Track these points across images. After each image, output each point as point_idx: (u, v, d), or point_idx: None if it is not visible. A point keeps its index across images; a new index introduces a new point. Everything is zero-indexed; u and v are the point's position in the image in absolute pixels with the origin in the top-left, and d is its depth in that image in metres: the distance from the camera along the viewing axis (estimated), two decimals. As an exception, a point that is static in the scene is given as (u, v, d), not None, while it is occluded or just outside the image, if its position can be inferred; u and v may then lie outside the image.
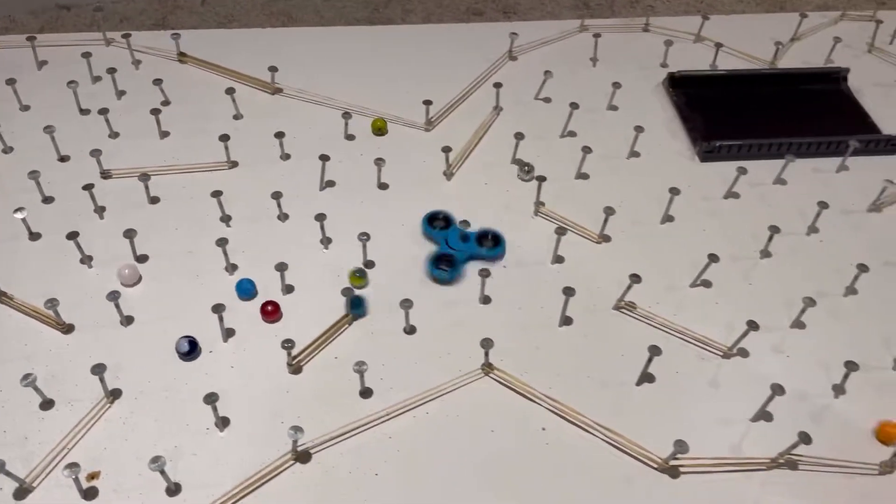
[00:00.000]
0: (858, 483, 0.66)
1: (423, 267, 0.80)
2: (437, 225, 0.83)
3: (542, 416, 0.69)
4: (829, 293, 0.81)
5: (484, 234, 0.82)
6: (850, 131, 0.96)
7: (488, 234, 0.82)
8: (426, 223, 0.83)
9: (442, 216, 0.83)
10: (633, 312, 0.78)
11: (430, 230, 0.82)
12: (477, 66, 1.05)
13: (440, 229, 0.83)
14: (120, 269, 0.74)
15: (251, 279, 0.76)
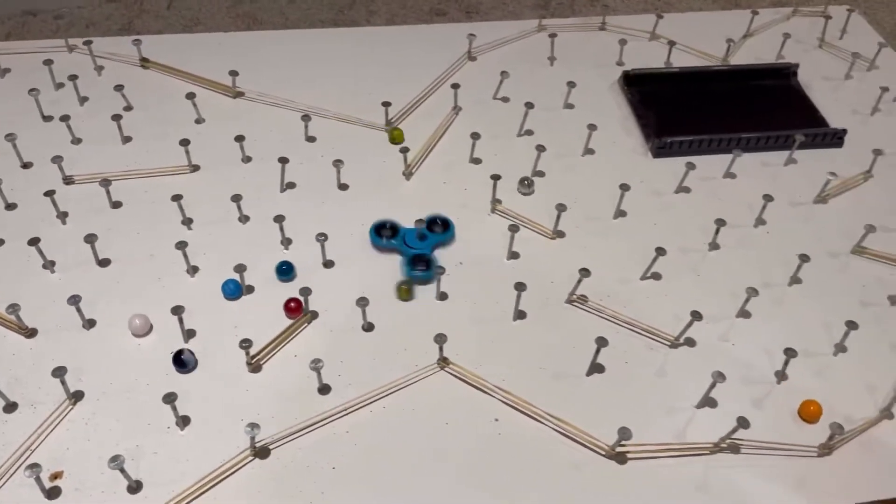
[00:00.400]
0: (798, 464, 0.69)
1: (384, 266, 0.82)
2: (384, 234, 0.84)
3: (495, 408, 0.72)
4: (775, 283, 0.83)
5: (433, 220, 0.84)
6: (800, 125, 0.99)
7: (437, 220, 0.85)
8: (374, 234, 0.84)
9: (389, 225, 0.84)
10: (585, 305, 0.80)
11: (379, 240, 0.83)
12: (437, 66, 1.07)
13: (388, 238, 0.84)
14: (130, 320, 0.74)
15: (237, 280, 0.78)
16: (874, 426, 0.72)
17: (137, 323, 0.73)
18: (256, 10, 1.35)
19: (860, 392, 0.74)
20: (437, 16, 1.32)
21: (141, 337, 0.74)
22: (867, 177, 0.95)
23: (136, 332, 0.74)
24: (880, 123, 1.03)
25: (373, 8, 1.34)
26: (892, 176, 0.96)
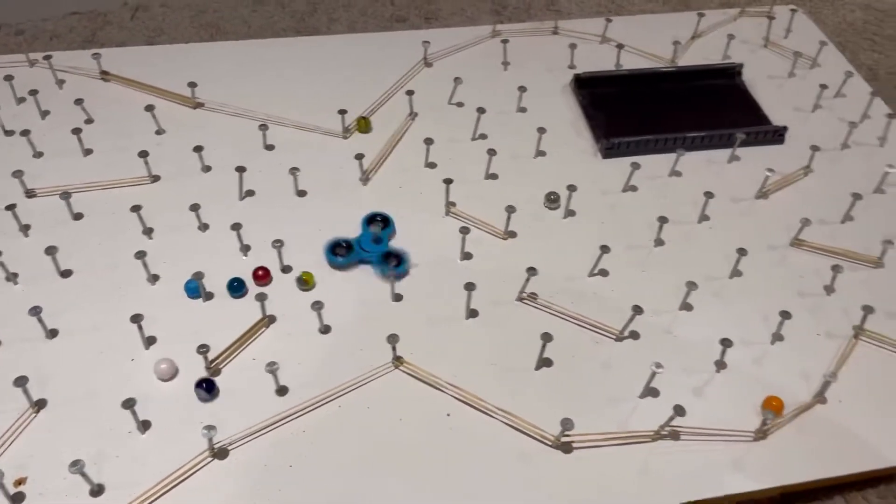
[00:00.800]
0: (735, 448, 0.73)
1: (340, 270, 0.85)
2: (339, 252, 0.85)
3: (447, 404, 0.75)
4: (717, 276, 0.87)
5: (372, 217, 0.88)
6: (744, 123, 1.03)
7: (376, 217, 0.88)
8: (330, 254, 0.85)
9: (345, 244, 0.86)
10: (535, 303, 0.83)
11: (333, 258, 0.85)
12: (395, 73, 1.10)
13: (343, 256, 0.85)
14: (156, 365, 0.74)
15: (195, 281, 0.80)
16: (808, 410, 0.76)
17: (163, 367, 0.74)
18: (219, 19, 1.37)
19: (795, 378, 0.78)
20: (397, 22, 1.35)
21: (167, 381, 0.74)
22: (807, 171, 0.99)
23: (162, 377, 0.74)
24: (820, 119, 1.07)
25: (334, 16, 1.36)
26: (831, 170, 1.00)
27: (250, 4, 1.39)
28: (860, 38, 1.26)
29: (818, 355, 0.80)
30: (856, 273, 0.88)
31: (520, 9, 1.34)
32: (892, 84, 1.17)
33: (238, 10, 1.39)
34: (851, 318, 0.83)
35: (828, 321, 0.83)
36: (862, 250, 0.90)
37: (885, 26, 1.28)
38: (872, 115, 1.06)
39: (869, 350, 0.81)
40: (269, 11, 1.38)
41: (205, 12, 1.38)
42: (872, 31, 1.27)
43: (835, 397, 0.77)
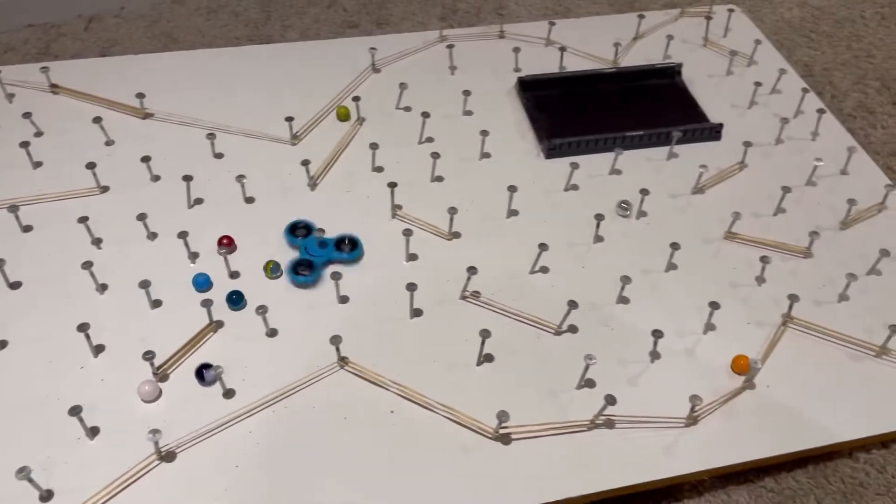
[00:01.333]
0: (667, 435, 0.76)
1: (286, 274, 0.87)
2: (299, 233, 0.90)
3: (391, 401, 0.77)
4: (653, 270, 0.90)
5: (342, 238, 0.89)
6: (683, 121, 1.07)
7: (346, 239, 0.89)
8: (288, 233, 0.90)
9: (303, 225, 0.90)
10: (477, 301, 0.86)
11: (293, 238, 0.89)
12: (343, 79, 1.12)
13: (302, 237, 0.89)
14: (140, 387, 0.75)
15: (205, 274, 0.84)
16: (737, 396, 0.79)
17: (147, 389, 0.75)
18: (173, 29, 1.38)
19: (726, 366, 0.81)
20: (349, 28, 1.37)
21: (150, 403, 0.75)
22: (742, 166, 1.03)
23: (145, 398, 0.75)
24: (757, 116, 1.11)
25: (287, 23, 1.38)
26: (764, 164, 1.03)
27: (204, 14, 1.41)
28: (797, 35, 1.31)
29: (748, 343, 0.84)
30: (786, 263, 0.92)
31: (469, 13, 1.37)
32: (826, 80, 1.22)
33: (192, 20, 1.40)
34: (781, 307, 0.86)
35: (758, 310, 0.87)
36: (793, 241, 0.94)
37: (820, 23, 1.33)
38: (805, 111, 1.10)
39: (796, 336, 0.84)
40: (222, 20, 1.40)
41: (158, 22, 1.39)
42: (809, 28, 1.32)
43: (763, 382, 0.80)
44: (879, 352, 0.83)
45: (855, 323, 0.85)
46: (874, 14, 1.35)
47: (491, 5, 1.38)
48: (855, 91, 1.20)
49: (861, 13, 1.35)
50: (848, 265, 0.91)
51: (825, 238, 0.94)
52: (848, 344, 0.84)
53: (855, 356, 0.83)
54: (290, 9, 1.41)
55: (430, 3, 1.40)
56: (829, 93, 1.19)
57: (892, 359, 0.82)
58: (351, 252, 0.88)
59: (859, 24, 1.33)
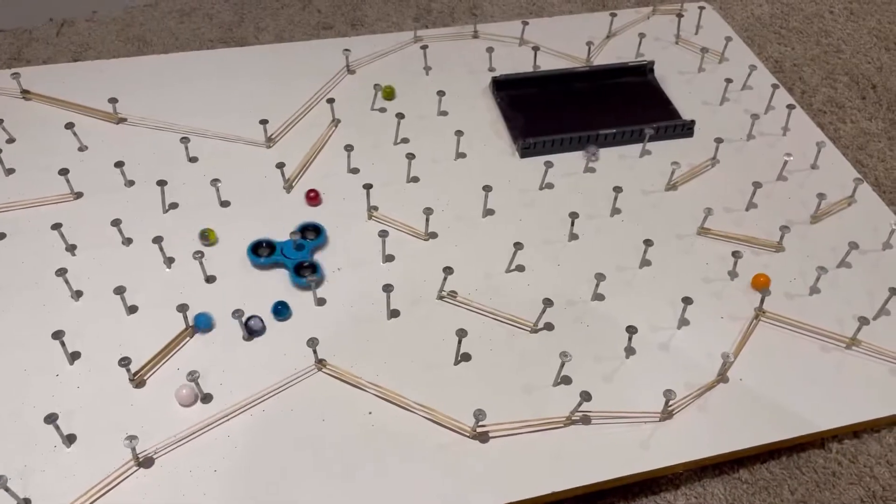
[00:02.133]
0: (642, 429, 0.77)
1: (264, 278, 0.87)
2: (262, 252, 0.88)
3: (369, 402, 0.77)
4: (628, 266, 0.91)
5: (305, 227, 0.90)
6: (656, 118, 1.08)
7: (309, 227, 0.90)
8: (252, 254, 0.88)
9: (265, 244, 0.89)
10: (454, 300, 0.87)
11: (258, 259, 0.87)
12: (319, 81, 1.12)
13: (266, 256, 0.88)
14: (177, 391, 0.75)
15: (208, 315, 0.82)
16: (710, 390, 0.80)
17: (184, 393, 0.75)
18: (146, 32, 1.37)
19: (700, 360, 0.83)
20: (324, 29, 1.37)
21: (187, 407, 0.76)
22: (714, 162, 1.04)
23: (183, 402, 0.75)
24: (728, 112, 1.12)
25: (262, 25, 1.37)
26: (736, 160, 1.05)
27: (177, 17, 1.40)
28: (767, 31, 1.32)
29: (722, 337, 0.85)
30: (758, 257, 0.93)
31: (444, 13, 1.37)
32: (796, 75, 1.24)
33: (165, 23, 1.39)
34: (753, 301, 0.87)
35: (731, 304, 0.88)
36: (764, 235, 0.95)
37: (790, 19, 1.34)
38: (776, 106, 1.12)
39: (769, 329, 0.86)
40: (195, 23, 1.39)
41: (131, 26, 1.38)
42: (779, 24, 1.34)
43: (736, 376, 0.81)
44: (850, 343, 0.84)
45: (826, 315, 0.87)
46: (843, 9, 1.37)
47: (465, 5, 1.39)
48: (824, 86, 1.21)
49: (830, 8, 1.37)
50: (818, 258, 0.93)
51: (796, 232, 0.95)
52: (819, 336, 0.85)
53: (826, 348, 0.84)
54: (263, 11, 1.40)
55: (405, 4, 1.40)
56: (800, 88, 1.21)
57: (861, 350, 0.84)
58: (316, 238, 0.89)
59: (828, 20, 1.35)
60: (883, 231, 0.96)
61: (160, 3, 1.43)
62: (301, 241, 0.89)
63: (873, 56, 1.27)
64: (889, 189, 1.05)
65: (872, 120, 1.16)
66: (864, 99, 1.19)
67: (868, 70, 1.24)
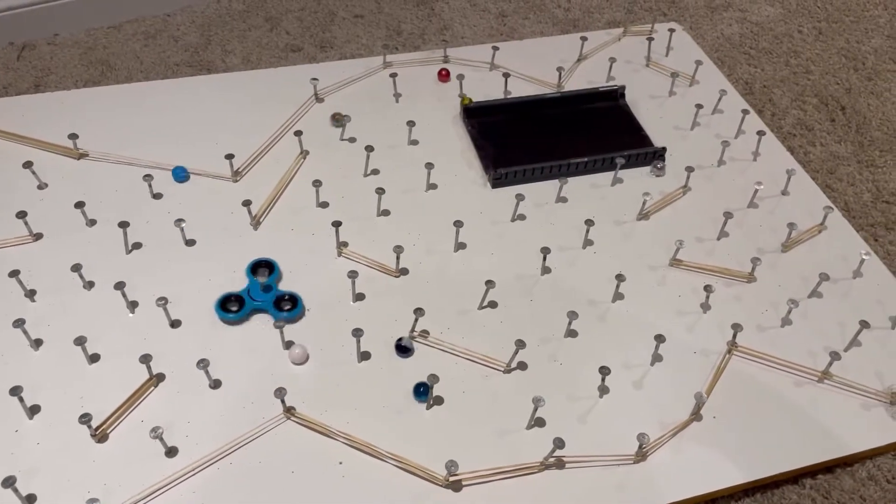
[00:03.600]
0: (616, 472, 0.76)
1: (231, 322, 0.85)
2: (231, 308, 0.85)
3: (339, 451, 0.76)
4: (600, 301, 0.91)
5: (281, 296, 0.87)
6: (627, 145, 1.07)
7: (285, 296, 0.87)
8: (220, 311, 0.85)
9: (233, 297, 0.86)
10: (427, 340, 0.85)
11: (227, 315, 0.84)
12: (286, 111, 1.10)
13: (236, 311, 0.85)
14: (290, 351, 0.81)
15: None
16: (685, 428, 0.80)
17: (297, 352, 0.81)
18: (109, 56, 1.34)
19: (673, 397, 0.82)
20: (292, 52, 1.34)
21: (299, 365, 0.81)
22: (686, 190, 1.04)
23: (296, 361, 0.81)
24: (699, 137, 1.12)
25: (228, 47, 1.35)
26: (707, 187, 1.05)
27: (141, 39, 1.37)
28: (737, 52, 1.33)
29: (695, 373, 0.84)
30: (730, 289, 0.93)
31: (414, 34, 1.36)
32: (766, 97, 1.24)
33: (129, 46, 1.36)
34: (726, 334, 0.87)
35: (704, 338, 0.88)
36: (736, 265, 0.95)
37: (760, 39, 1.35)
38: (746, 131, 1.12)
39: (741, 364, 0.86)
40: (160, 46, 1.36)
41: (94, 49, 1.35)
42: (749, 44, 1.34)
43: (709, 413, 0.81)
44: (821, 377, 0.84)
45: (798, 348, 0.87)
46: (811, 29, 1.38)
47: (435, 26, 1.37)
48: (794, 108, 1.22)
49: (799, 28, 1.38)
50: (790, 288, 0.93)
51: (767, 261, 0.95)
52: (792, 370, 0.85)
53: (799, 382, 0.84)
54: (230, 32, 1.38)
55: (374, 25, 1.38)
56: (770, 111, 1.21)
57: (834, 383, 0.84)
58: (291, 311, 0.86)
59: (797, 40, 1.35)
60: (853, 259, 0.96)
61: (124, 26, 1.40)
62: (268, 281, 0.87)
63: (842, 77, 1.28)
64: (858, 214, 1.06)
65: (842, 143, 1.16)
66: (834, 121, 1.20)
67: (837, 91, 1.25)
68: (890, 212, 1.06)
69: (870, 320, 0.89)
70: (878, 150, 1.15)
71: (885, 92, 1.25)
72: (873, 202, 1.08)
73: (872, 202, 1.08)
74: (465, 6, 1.41)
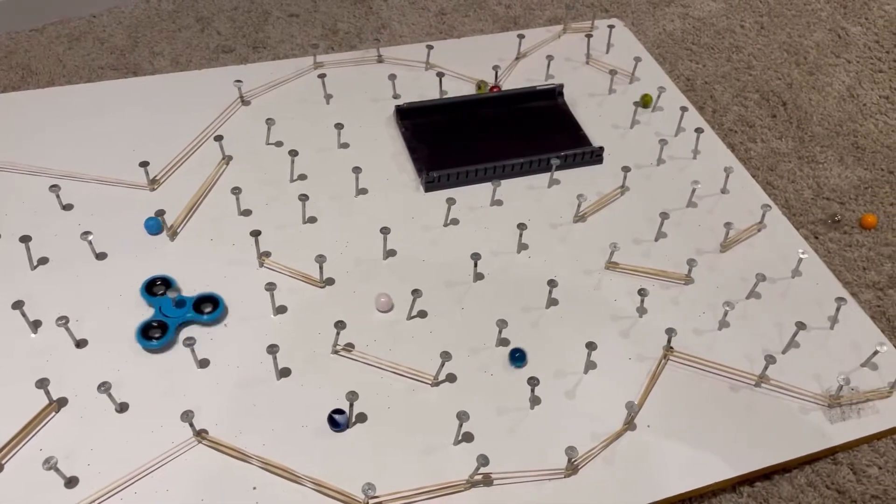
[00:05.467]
0: (547, 487, 0.73)
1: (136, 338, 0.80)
2: (157, 290, 0.83)
3: (254, 476, 0.71)
4: (534, 307, 0.87)
5: (202, 298, 0.83)
6: (565, 145, 1.04)
7: (205, 298, 0.83)
8: (144, 293, 0.83)
9: (160, 281, 0.83)
10: (351, 354, 0.81)
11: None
12: (211, 114, 1.05)
13: (161, 295, 0.83)
14: (377, 298, 0.84)
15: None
16: (617, 439, 0.77)
17: (383, 301, 0.84)
18: (31, 59, 1.28)
19: (607, 407, 0.79)
20: (223, 53, 1.29)
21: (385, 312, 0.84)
22: (623, 190, 1.01)
23: (382, 308, 0.84)
24: (638, 135, 1.09)
25: (157, 49, 1.29)
26: (646, 187, 1.02)
27: (65, 42, 1.31)
28: (679, 48, 1.31)
29: (630, 380, 0.82)
30: (667, 291, 0.90)
31: (350, 33, 1.32)
32: (708, 94, 1.22)
33: (52, 49, 1.30)
34: (662, 339, 0.84)
35: (639, 343, 0.85)
36: (673, 267, 0.92)
37: (701, 35, 1.33)
38: (686, 128, 1.10)
39: (677, 369, 0.83)
40: (85, 48, 1.30)
41: (14, 53, 1.29)
42: (691, 40, 1.32)
43: (644, 422, 0.78)
44: (758, 381, 0.82)
45: (735, 351, 0.85)
46: (754, 23, 1.36)
47: (372, 24, 1.33)
48: (735, 104, 1.20)
49: (741, 23, 1.36)
50: (728, 289, 0.91)
51: (706, 262, 0.93)
52: (728, 374, 0.83)
53: (735, 387, 0.82)
54: (159, 34, 1.32)
55: (310, 24, 1.34)
56: (711, 107, 1.19)
57: (771, 387, 0.82)
58: (211, 313, 0.82)
59: (739, 35, 1.34)
60: (792, 258, 0.94)
61: (47, 28, 1.34)
62: (182, 297, 0.82)
63: (783, 72, 1.26)
64: (799, 211, 1.04)
65: (783, 139, 1.15)
66: (775, 117, 1.18)
67: (778, 87, 1.23)
68: (830, 208, 1.05)
69: (809, 320, 0.87)
70: (819, 146, 1.14)
71: (827, 86, 1.24)
72: (814, 199, 1.06)
73: (813, 199, 1.06)
74: (403, 4, 1.38)
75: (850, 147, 1.14)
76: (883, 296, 0.94)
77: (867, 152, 1.13)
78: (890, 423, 0.81)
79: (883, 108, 1.20)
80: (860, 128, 1.17)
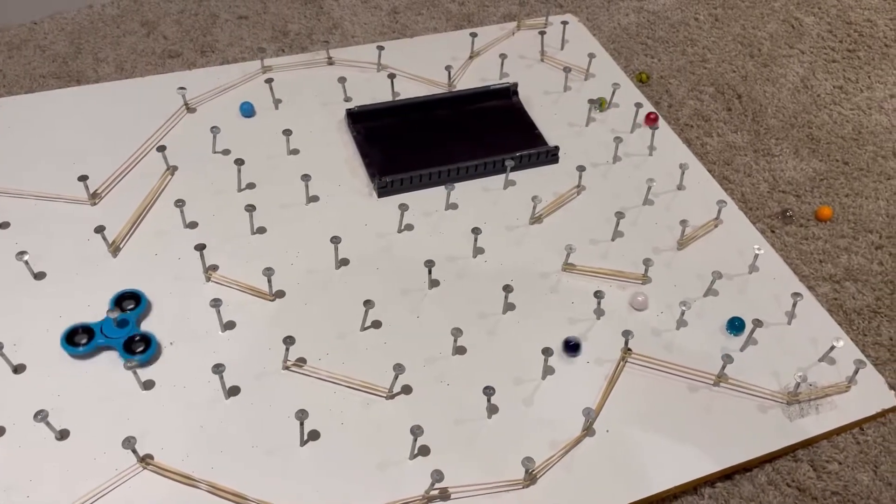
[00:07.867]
0: (505, 499, 0.72)
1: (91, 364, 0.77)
2: (80, 341, 0.78)
3: (202, 501, 0.69)
4: (491, 313, 0.86)
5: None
6: (521, 145, 1.03)
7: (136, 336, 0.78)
8: (67, 345, 0.77)
9: (80, 329, 0.78)
10: (302, 369, 0.79)
11: (76, 349, 0.76)
12: (154, 122, 1.02)
13: (85, 344, 0.77)
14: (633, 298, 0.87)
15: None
16: (575, 446, 0.76)
17: (640, 300, 0.86)
18: (-31, 68, 1.23)
19: (565, 413, 0.78)
20: (170, 58, 1.26)
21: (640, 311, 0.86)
22: (580, 190, 1.00)
23: (639, 308, 0.86)
24: (594, 133, 1.08)
25: (101, 55, 1.25)
26: (602, 185, 1.01)
27: (4, 50, 1.26)
28: (634, 42, 1.30)
29: (588, 384, 0.81)
30: (625, 291, 0.89)
31: (301, 34, 1.29)
32: (663, 88, 1.21)
33: (-10, 58, 1.25)
34: (619, 341, 0.83)
35: (597, 347, 0.84)
36: (630, 267, 0.91)
37: (656, 28, 1.32)
38: (642, 124, 1.09)
39: (636, 371, 0.82)
40: (26, 56, 1.25)
41: (-50, 62, 1.24)
42: (645, 34, 1.31)
43: (602, 427, 0.77)
44: (717, 380, 0.81)
45: (693, 350, 0.84)
46: (708, 16, 1.36)
47: (324, 25, 1.30)
48: (691, 98, 1.19)
49: (695, 16, 1.36)
50: (686, 287, 0.90)
51: (663, 260, 0.92)
52: (687, 375, 0.82)
53: (694, 387, 0.81)
54: (103, 39, 1.28)
55: (259, 26, 1.30)
56: (666, 102, 1.19)
57: (729, 386, 0.81)
58: (144, 353, 0.78)
59: (693, 28, 1.33)
60: (749, 253, 0.93)
61: (-16, 36, 1.29)
62: (123, 315, 0.79)
63: (738, 64, 1.26)
64: (755, 205, 1.04)
65: (738, 132, 1.14)
66: (730, 110, 1.18)
67: (733, 79, 1.23)
68: (786, 201, 1.05)
69: (766, 316, 0.87)
70: (774, 139, 1.13)
71: (781, 78, 1.24)
72: (770, 192, 1.06)
73: (769, 192, 1.06)
74: (355, 3, 1.35)
75: (805, 139, 1.14)
76: (840, 288, 0.94)
77: (822, 143, 1.13)
78: (847, 418, 0.80)
79: (837, 99, 1.20)
80: (814, 119, 1.17)
